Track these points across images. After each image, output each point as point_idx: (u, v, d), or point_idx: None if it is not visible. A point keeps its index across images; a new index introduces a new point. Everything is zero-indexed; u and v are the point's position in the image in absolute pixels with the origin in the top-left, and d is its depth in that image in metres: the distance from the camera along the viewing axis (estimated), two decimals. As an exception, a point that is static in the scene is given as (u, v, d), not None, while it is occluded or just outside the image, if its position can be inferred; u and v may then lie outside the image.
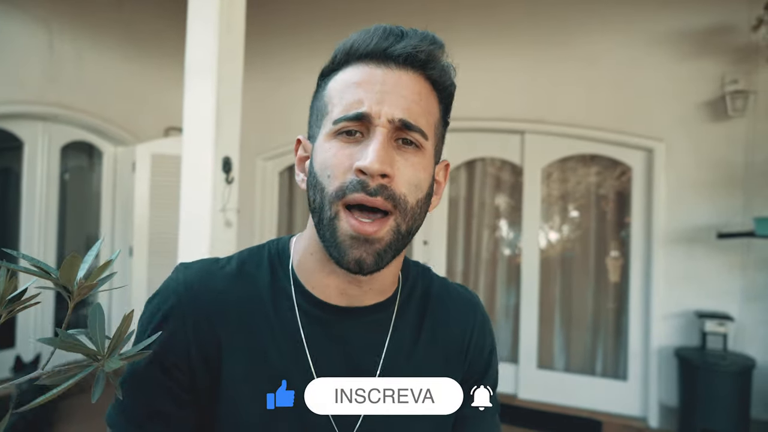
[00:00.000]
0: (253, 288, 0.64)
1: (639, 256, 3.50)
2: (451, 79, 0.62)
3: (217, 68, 2.29)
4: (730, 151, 3.21)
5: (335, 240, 0.55)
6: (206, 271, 0.64)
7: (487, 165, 4.05)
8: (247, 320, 0.62)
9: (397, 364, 0.65)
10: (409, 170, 0.56)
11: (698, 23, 3.30)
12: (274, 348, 0.61)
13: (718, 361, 2.90)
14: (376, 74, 0.56)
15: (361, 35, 0.58)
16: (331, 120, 0.57)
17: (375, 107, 0.54)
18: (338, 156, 0.55)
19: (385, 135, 0.54)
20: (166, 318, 0.60)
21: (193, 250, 2.30)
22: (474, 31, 3.92)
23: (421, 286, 0.72)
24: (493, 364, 0.74)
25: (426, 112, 0.58)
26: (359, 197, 0.53)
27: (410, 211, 0.56)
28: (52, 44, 3.79)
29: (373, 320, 0.65)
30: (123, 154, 4.45)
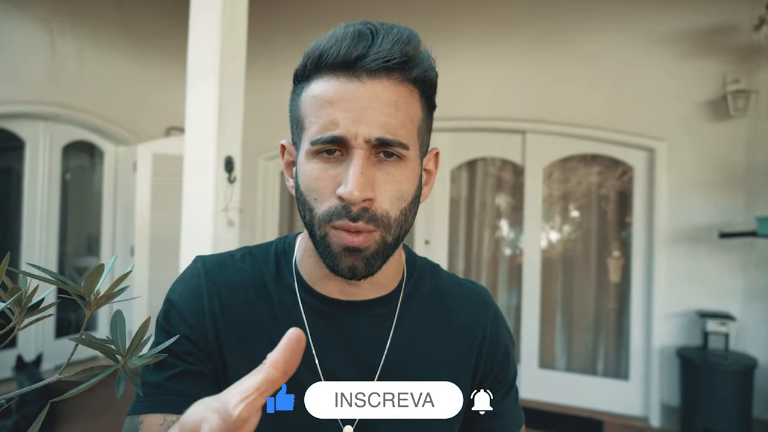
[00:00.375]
0: (261, 283, 0.67)
1: (641, 256, 3.50)
2: (432, 71, 0.59)
3: (219, 67, 2.29)
4: (732, 150, 3.21)
5: (329, 252, 0.57)
6: (222, 264, 0.68)
7: (488, 165, 4.05)
8: (254, 313, 0.65)
9: (401, 357, 0.65)
10: (391, 186, 0.56)
11: (699, 22, 3.30)
12: (276, 336, 0.58)
13: (719, 360, 2.90)
14: (348, 90, 0.54)
15: (330, 42, 0.56)
16: (309, 139, 0.56)
17: (351, 128, 0.53)
18: (321, 179, 0.56)
19: (363, 157, 0.54)
20: (184, 300, 0.64)
21: (195, 250, 2.30)
22: (474, 31, 3.92)
23: (429, 281, 0.72)
24: (510, 362, 0.74)
25: (406, 120, 0.56)
26: (342, 224, 0.55)
27: (393, 223, 0.57)
28: (54, 44, 3.79)
29: (376, 314, 0.66)
30: (124, 153, 4.45)
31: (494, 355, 0.72)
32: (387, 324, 0.66)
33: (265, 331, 0.64)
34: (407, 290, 0.69)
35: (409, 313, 0.68)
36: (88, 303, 0.42)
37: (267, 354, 0.54)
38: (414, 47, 0.56)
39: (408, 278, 0.70)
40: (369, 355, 0.65)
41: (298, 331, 0.37)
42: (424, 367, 0.66)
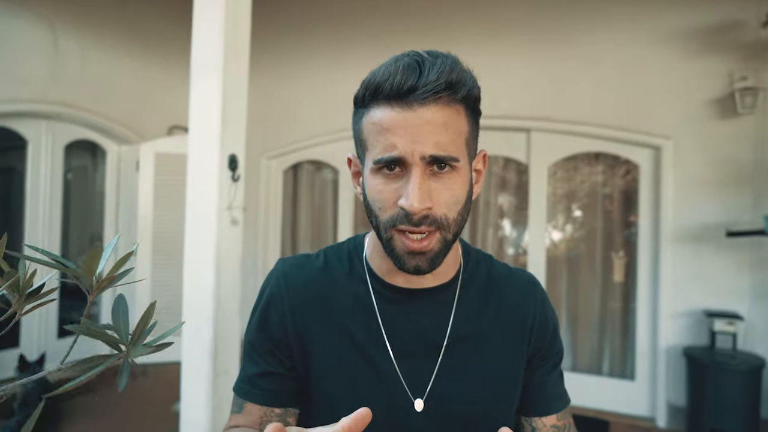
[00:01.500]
0: (336, 277, 0.78)
1: (646, 255, 3.48)
2: (475, 87, 0.68)
3: (222, 65, 2.28)
4: (739, 148, 3.18)
5: (395, 254, 0.67)
6: (299, 264, 0.80)
7: (493, 163, 4.03)
8: (331, 304, 0.76)
9: (461, 337, 0.74)
10: (447, 193, 0.64)
11: (706, 20, 3.27)
12: (355, 325, 0.74)
13: (727, 360, 2.87)
14: (403, 118, 0.62)
15: (384, 75, 0.63)
16: (372, 159, 0.65)
17: (407, 149, 0.62)
18: (384, 192, 0.65)
19: (419, 172, 0.62)
20: (269, 301, 0.77)
21: (199, 248, 2.28)
22: (478, 30, 3.90)
23: (483, 269, 0.82)
24: (557, 340, 0.83)
25: (455, 136, 0.64)
26: (406, 228, 0.64)
27: (452, 223, 0.65)
28: (56, 43, 3.78)
29: (437, 299, 0.76)
30: (127, 153, 4.44)
31: (544, 334, 0.80)
32: (448, 308, 0.76)
33: (341, 320, 0.75)
34: (464, 278, 0.79)
35: (466, 297, 0.77)
36: (90, 287, 0.40)
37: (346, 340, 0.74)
38: (457, 74, 0.64)
39: (465, 268, 0.80)
40: (433, 335, 0.74)
41: (367, 410, 0.46)
42: (482, 345, 0.75)
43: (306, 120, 4.59)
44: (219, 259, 2.27)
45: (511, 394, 0.76)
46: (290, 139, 4.66)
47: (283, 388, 0.75)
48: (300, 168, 4.83)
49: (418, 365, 0.72)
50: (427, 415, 0.71)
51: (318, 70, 4.52)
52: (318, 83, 4.52)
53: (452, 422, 0.72)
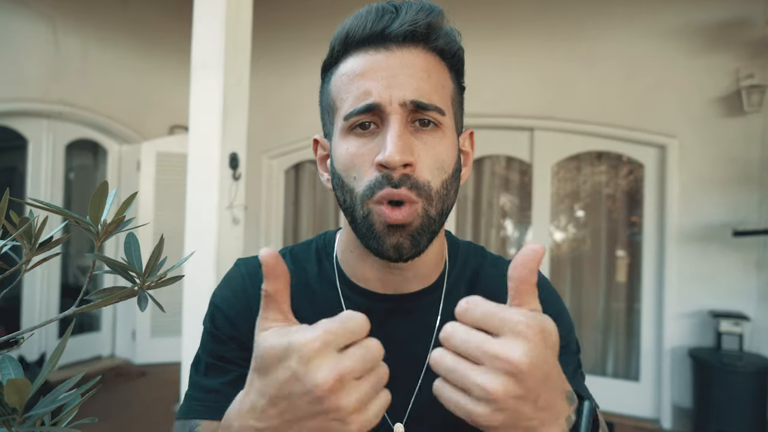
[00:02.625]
0: (305, 279, 0.67)
1: (651, 255, 3.44)
2: (458, 43, 0.60)
3: (223, 63, 2.26)
4: (746, 147, 3.15)
5: (372, 232, 0.55)
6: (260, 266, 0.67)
7: (496, 163, 4.00)
8: (300, 310, 0.62)
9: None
10: (430, 154, 0.54)
11: (712, 17, 3.24)
12: None
13: (733, 361, 2.84)
14: (378, 60, 0.54)
15: (355, 20, 0.56)
16: (342, 116, 0.56)
17: (384, 94, 0.53)
18: (358, 155, 0.55)
19: (400, 121, 0.53)
20: (225, 305, 0.65)
21: (200, 247, 2.26)
22: (482, 27, 3.87)
23: (472, 265, 0.70)
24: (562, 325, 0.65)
25: (438, 86, 0.56)
26: (386, 193, 0.53)
27: (435, 195, 0.55)
28: (57, 41, 3.77)
29: (419, 306, 0.64)
30: (128, 152, 4.42)
31: None
32: (432, 316, 0.64)
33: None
34: (451, 279, 0.67)
35: (453, 301, 0.62)
36: (96, 233, 0.40)
37: None
38: (438, 16, 0.57)
39: (451, 267, 0.68)
40: (415, 349, 0.63)
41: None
42: None
43: (308, 119, 4.57)
44: (220, 258, 2.25)
45: None
46: (292, 138, 4.64)
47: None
48: (302, 167, 4.81)
49: (396, 384, 0.59)
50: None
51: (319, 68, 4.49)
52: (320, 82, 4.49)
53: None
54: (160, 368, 4.18)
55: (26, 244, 0.40)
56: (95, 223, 0.39)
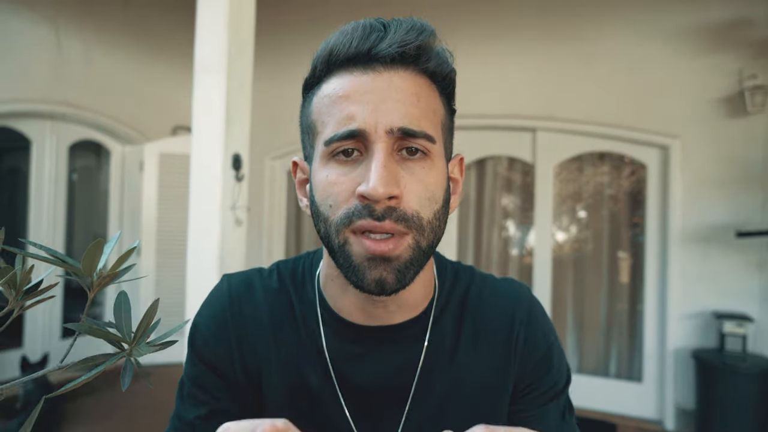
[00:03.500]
0: (287, 302, 0.63)
1: (654, 256, 3.44)
2: (450, 65, 0.55)
3: (226, 66, 2.26)
4: (749, 147, 3.14)
5: (351, 264, 0.50)
6: (249, 284, 0.64)
7: (498, 163, 4.00)
8: (281, 334, 0.61)
9: (434, 380, 0.60)
10: (418, 185, 0.50)
11: (715, 17, 3.23)
12: (303, 362, 0.60)
13: (737, 363, 2.83)
14: (363, 82, 0.50)
15: (340, 37, 0.52)
16: (323, 141, 0.51)
17: (369, 120, 0.48)
18: (338, 183, 0.50)
19: (385, 150, 0.48)
20: (209, 326, 0.62)
21: (203, 248, 2.27)
22: (484, 28, 3.87)
23: (460, 290, 0.65)
24: (553, 365, 0.64)
25: (429, 112, 0.52)
26: (366, 224, 0.48)
27: (426, 226, 0.50)
28: (60, 42, 3.78)
29: (403, 337, 0.60)
30: (131, 153, 4.43)
31: (530, 359, 0.63)
32: (416, 348, 0.60)
33: (292, 355, 0.60)
34: (439, 305, 0.62)
35: (440, 330, 0.61)
36: (90, 284, 0.38)
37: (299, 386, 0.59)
38: (429, 37, 0.53)
39: (440, 292, 0.63)
40: (399, 383, 0.59)
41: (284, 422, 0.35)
42: (458, 384, 0.60)
43: (310, 120, 4.57)
44: (223, 260, 2.25)
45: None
46: (294, 139, 4.64)
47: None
48: (304, 168, 4.81)
49: (379, 421, 0.58)
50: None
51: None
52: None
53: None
54: (164, 369, 4.18)
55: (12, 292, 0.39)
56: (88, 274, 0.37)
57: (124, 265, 0.39)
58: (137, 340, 0.38)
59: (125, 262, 0.39)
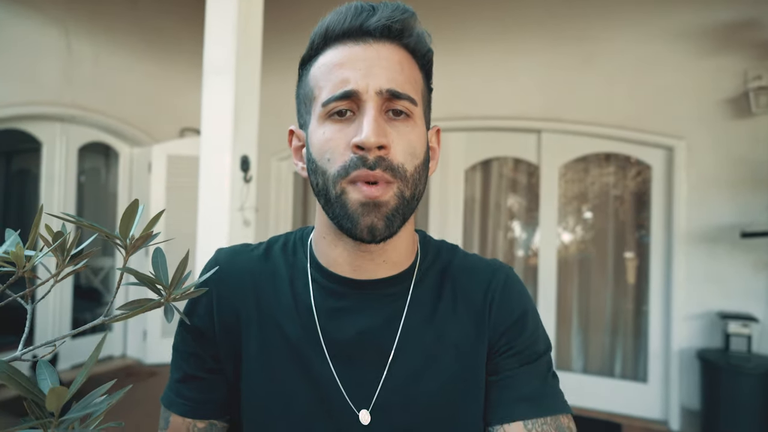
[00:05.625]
0: (275, 267, 0.68)
1: (659, 256, 3.45)
2: (428, 45, 0.63)
3: (235, 68, 2.29)
4: (754, 148, 3.15)
5: (346, 212, 0.57)
6: (236, 252, 0.71)
7: (503, 164, 4.01)
8: (265, 296, 0.66)
9: (414, 339, 0.64)
10: (403, 140, 0.57)
11: (720, 18, 3.24)
12: (288, 320, 0.64)
13: (742, 363, 2.84)
14: (356, 51, 0.58)
15: (334, 16, 0.60)
16: (320, 102, 0.58)
17: (361, 82, 0.56)
18: (334, 138, 0.57)
19: (375, 108, 0.56)
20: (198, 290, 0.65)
21: (212, 249, 2.30)
22: (489, 29, 3.89)
23: (444, 260, 0.71)
24: (527, 329, 0.66)
25: (411, 79, 0.60)
26: (361, 173, 0.55)
27: (410, 178, 0.58)
28: (69, 45, 3.82)
29: (389, 293, 0.65)
30: (139, 155, 4.48)
31: (503, 321, 0.66)
32: (400, 304, 0.65)
33: (276, 315, 0.65)
34: (421, 269, 0.68)
35: (421, 292, 0.66)
36: (125, 246, 0.42)
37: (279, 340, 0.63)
38: (412, 17, 0.60)
39: (422, 259, 0.69)
40: (381, 337, 0.63)
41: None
42: (438, 346, 0.64)
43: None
44: (231, 260, 2.28)
45: (473, 401, 0.63)
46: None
47: (205, 397, 0.65)
48: (310, 169, 4.84)
49: (362, 372, 0.62)
50: (375, 430, 0.60)
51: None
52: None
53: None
54: (171, 368, 4.22)
55: (59, 257, 0.43)
56: (124, 237, 0.42)
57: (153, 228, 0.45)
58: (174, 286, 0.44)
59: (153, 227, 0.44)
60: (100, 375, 3.88)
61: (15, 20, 3.50)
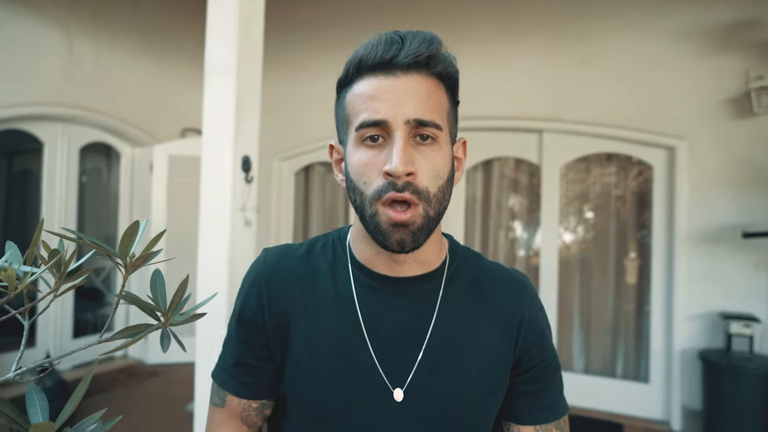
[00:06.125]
0: (317, 265, 0.77)
1: (660, 257, 3.44)
2: (454, 67, 0.69)
3: (236, 68, 2.29)
4: (756, 148, 3.14)
5: (379, 229, 0.65)
6: (281, 252, 0.80)
7: (505, 164, 4.01)
8: (310, 291, 0.75)
9: (446, 330, 0.72)
10: (429, 165, 0.64)
11: (721, 18, 3.24)
12: (333, 313, 0.73)
13: (744, 363, 2.83)
14: (386, 84, 0.64)
15: (367, 48, 0.65)
16: (355, 127, 0.66)
17: (390, 113, 0.63)
18: (369, 164, 0.65)
19: (403, 137, 0.63)
20: (249, 287, 0.77)
21: (213, 250, 2.30)
22: (491, 29, 3.89)
23: (471, 265, 0.80)
24: (548, 348, 0.77)
25: (436, 106, 0.65)
26: (392, 195, 0.63)
27: (433, 198, 0.65)
28: (71, 45, 3.83)
29: (421, 290, 0.74)
30: (140, 155, 4.48)
31: (532, 336, 0.75)
32: (432, 300, 0.74)
33: (319, 307, 0.74)
34: (450, 271, 0.77)
35: (452, 290, 0.75)
36: (125, 265, 0.42)
37: (323, 328, 0.72)
38: (437, 46, 0.65)
39: (451, 261, 0.78)
40: (415, 327, 0.72)
41: None
42: (466, 341, 0.73)
43: (318, 122, 4.60)
44: (232, 261, 2.28)
45: (492, 392, 0.73)
46: (302, 140, 4.68)
47: (256, 381, 0.76)
48: (312, 169, 4.85)
49: (398, 356, 0.71)
50: (406, 406, 0.69)
51: (331, 71, 4.52)
52: (330, 84, 4.50)
53: (432, 415, 0.70)
54: (173, 368, 4.23)
55: (56, 273, 0.43)
56: (124, 257, 0.41)
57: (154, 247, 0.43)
58: (172, 311, 0.43)
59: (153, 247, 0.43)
60: (101, 376, 3.88)
61: (16, 20, 3.51)
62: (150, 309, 0.42)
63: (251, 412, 0.77)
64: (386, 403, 0.69)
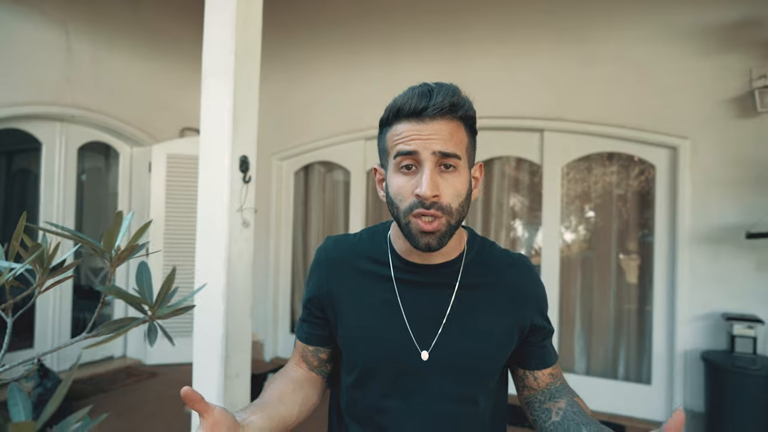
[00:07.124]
0: (366, 251, 1.00)
1: (663, 257, 3.42)
2: (472, 110, 0.87)
3: (234, 68, 2.27)
4: (759, 148, 3.11)
5: (411, 235, 0.85)
6: (339, 240, 1.04)
7: (506, 164, 3.99)
8: (359, 271, 0.98)
9: (465, 303, 0.92)
10: (450, 188, 0.83)
11: (724, 17, 3.21)
12: (376, 290, 0.95)
13: (747, 365, 2.81)
14: (418, 128, 0.82)
15: (403, 100, 0.84)
16: (393, 156, 0.85)
17: (421, 147, 0.82)
18: (404, 187, 0.84)
19: (430, 167, 0.81)
20: (313, 268, 1.03)
21: (211, 249, 2.28)
22: (491, 29, 3.86)
23: (486, 251, 1.00)
24: (547, 316, 1.02)
25: (457, 141, 0.83)
26: (421, 211, 0.82)
27: (454, 212, 0.84)
28: (69, 45, 3.81)
29: (444, 272, 0.94)
30: (139, 154, 4.47)
31: (541, 309, 0.99)
32: (453, 281, 0.94)
33: (366, 284, 0.97)
34: (468, 258, 0.97)
35: (469, 273, 0.95)
36: (110, 258, 0.41)
37: (368, 300, 0.95)
38: (457, 97, 0.84)
39: (469, 250, 0.98)
40: (439, 302, 0.93)
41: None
42: (480, 313, 0.93)
43: (317, 121, 4.58)
44: (230, 261, 2.26)
45: (500, 354, 0.93)
46: (301, 140, 4.65)
47: (313, 332, 1.02)
48: (311, 169, 4.82)
49: (425, 325, 0.91)
50: (430, 363, 0.90)
51: (329, 71, 4.51)
52: (330, 84, 4.51)
53: (450, 370, 0.90)
54: (171, 369, 4.21)
55: (39, 269, 0.41)
56: (109, 251, 0.40)
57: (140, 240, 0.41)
58: (159, 304, 0.42)
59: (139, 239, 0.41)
60: (100, 376, 3.87)
61: (15, 20, 3.49)
62: (137, 302, 0.41)
63: (308, 353, 1.04)
64: (415, 361, 0.90)
